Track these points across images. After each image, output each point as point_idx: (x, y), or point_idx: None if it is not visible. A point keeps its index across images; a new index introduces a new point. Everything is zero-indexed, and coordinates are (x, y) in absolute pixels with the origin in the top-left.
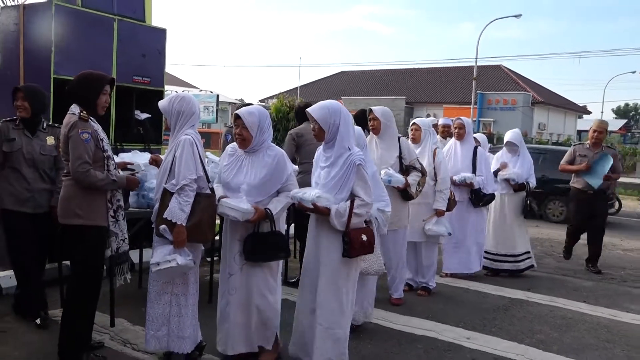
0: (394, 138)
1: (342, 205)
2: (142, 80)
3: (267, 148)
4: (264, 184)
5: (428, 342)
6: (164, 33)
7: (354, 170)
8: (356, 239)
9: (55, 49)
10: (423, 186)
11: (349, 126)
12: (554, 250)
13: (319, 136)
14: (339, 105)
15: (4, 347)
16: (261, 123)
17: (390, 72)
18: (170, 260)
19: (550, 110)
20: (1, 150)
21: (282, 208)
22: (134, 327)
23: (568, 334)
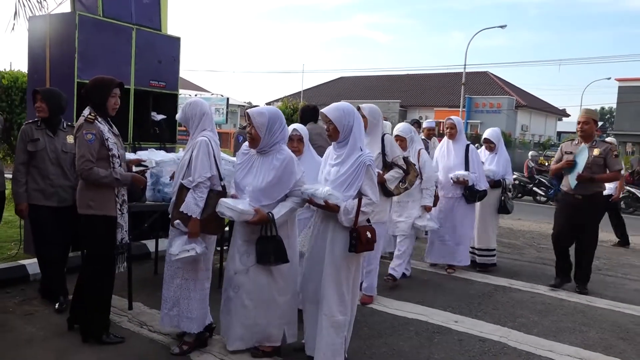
0: (378, 136)
1: (350, 203)
2: (158, 85)
3: (278, 151)
4: (270, 187)
5: (419, 325)
6: (178, 41)
7: (364, 170)
8: (363, 235)
9: (79, 55)
10: (411, 185)
11: (361, 128)
12: (534, 241)
13: (333, 136)
14: (352, 108)
15: (31, 327)
16: (270, 124)
17: (386, 77)
18: (189, 249)
19: (532, 113)
20: (26, 150)
21: (287, 213)
22: (150, 311)
23: (547, 318)
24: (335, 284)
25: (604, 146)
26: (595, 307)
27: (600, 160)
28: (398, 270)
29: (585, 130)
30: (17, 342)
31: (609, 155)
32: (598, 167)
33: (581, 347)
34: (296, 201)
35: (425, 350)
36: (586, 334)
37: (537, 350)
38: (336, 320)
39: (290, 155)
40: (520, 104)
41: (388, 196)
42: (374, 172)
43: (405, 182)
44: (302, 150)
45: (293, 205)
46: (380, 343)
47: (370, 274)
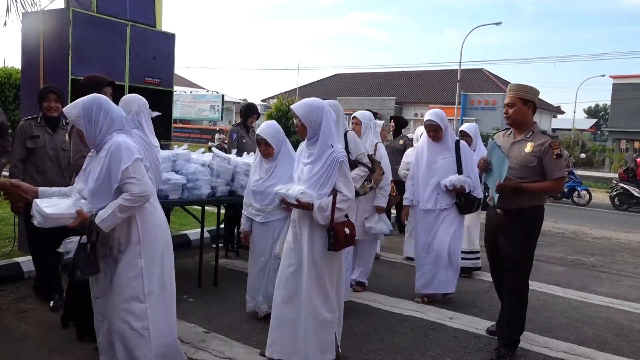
0: (340, 133)
1: (325, 201)
2: (153, 81)
3: (107, 142)
4: (100, 186)
5: (415, 321)
6: (173, 37)
7: (337, 167)
8: (341, 232)
9: (73, 52)
10: (377, 184)
11: (331, 124)
12: None
13: (301, 132)
14: (322, 104)
15: (25, 325)
16: (87, 115)
17: (381, 74)
18: None
19: None
20: (25, 146)
21: (113, 214)
22: None
23: (542, 314)
24: (319, 283)
25: (542, 140)
26: (589, 304)
27: (532, 161)
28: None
29: (511, 115)
30: (11, 340)
31: (547, 154)
32: (529, 170)
33: (576, 343)
34: (127, 198)
35: (421, 346)
36: (581, 330)
37: (531, 347)
38: (323, 319)
39: (119, 141)
40: None
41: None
42: (347, 167)
43: (371, 180)
44: (273, 153)
45: (123, 203)
46: (375, 339)
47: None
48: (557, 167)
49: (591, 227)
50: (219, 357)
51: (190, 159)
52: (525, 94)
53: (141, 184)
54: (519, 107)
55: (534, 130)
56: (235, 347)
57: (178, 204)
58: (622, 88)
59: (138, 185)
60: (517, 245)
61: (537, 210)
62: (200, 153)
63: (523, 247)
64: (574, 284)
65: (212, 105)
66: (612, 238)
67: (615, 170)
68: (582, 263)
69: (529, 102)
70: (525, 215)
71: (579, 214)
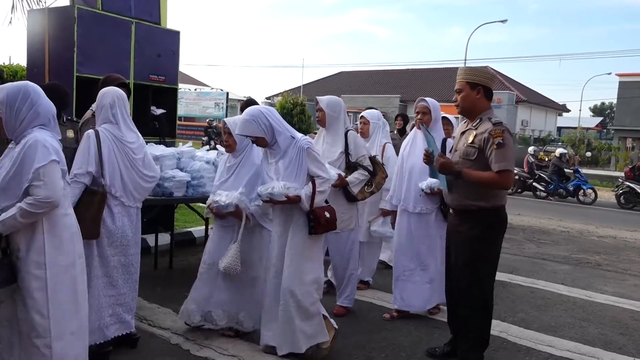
0: (340, 132)
1: (307, 188)
2: (157, 79)
3: (26, 137)
4: (8, 183)
5: (419, 319)
6: (178, 35)
7: (305, 154)
8: (321, 216)
9: (78, 49)
10: (379, 188)
11: (279, 121)
12: (534, 236)
13: (262, 144)
14: (257, 109)
15: None
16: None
17: (385, 72)
18: None
19: (532, 108)
20: None
21: (14, 218)
22: (150, 305)
23: (547, 313)
24: (301, 275)
25: (483, 129)
26: (595, 303)
27: (472, 153)
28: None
29: (459, 103)
30: None
31: (487, 144)
32: (471, 163)
33: (581, 342)
34: (30, 202)
35: (425, 345)
36: (586, 329)
37: (536, 346)
38: (307, 309)
39: (37, 138)
40: (520, 99)
41: (352, 201)
42: (315, 151)
43: (372, 184)
44: (235, 147)
45: (24, 207)
46: (379, 338)
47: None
48: (498, 158)
49: (596, 225)
50: (223, 354)
51: (195, 157)
52: (473, 76)
53: (48, 189)
54: (467, 92)
55: (482, 117)
56: (239, 344)
57: (182, 201)
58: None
59: (44, 190)
60: (462, 253)
61: (489, 213)
62: (204, 151)
63: (470, 256)
64: (579, 283)
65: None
66: (618, 237)
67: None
68: (588, 262)
69: (478, 86)
70: (475, 218)
71: (585, 213)
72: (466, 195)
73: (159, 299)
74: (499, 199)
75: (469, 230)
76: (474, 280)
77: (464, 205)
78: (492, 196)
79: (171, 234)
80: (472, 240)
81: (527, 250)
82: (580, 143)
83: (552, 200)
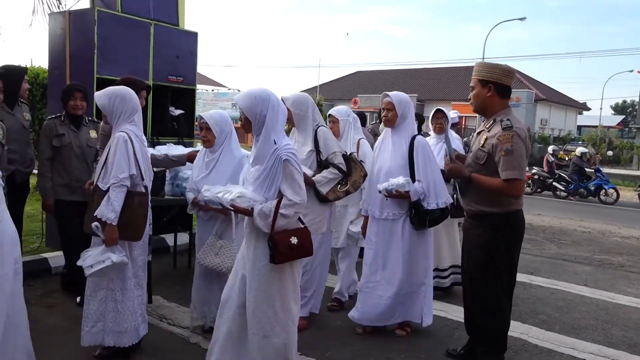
0: (309, 129)
1: (267, 205)
2: (176, 80)
3: None
4: None
5: (438, 320)
6: (195, 36)
7: (281, 166)
8: (283, 243)
9: (98, 51)
10: (356, 187)
11: (277, 117)
12: (555, 237)
13: (245, 127)
14: (269, 94)
15: (54, 319)
16: None
17: (402, 71)
18: (105, 260)
19: (552, 107)
20: (51, 145)
21: None
22: (169, 304)
23: (569, 315)
24: (264, 298)
25: (494, 133)
26: (618, 305)
27: (481, 157)
28: (344, 294)
29: (472, 101)
30: (40, 333)
31: (496, 150)
32: (480, 168)
33: (604, 345)
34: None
35: (444, 346)
36: (609, 331)
37: (558, 348)
38: (270, 342)
39: None
40: (539, 98)
41: (323, 202)
42: (295, 166)
43: (346, 183)
44: (213, 142)
45: None
46: (398, 338)
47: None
48: (506, 166)
49: (619, 226)
50: None
51: None
52: (484, 73)
53: None
54: (477, 90)
55: (495, 118)
56: None
57: None
58: None
59: None
60: (473, 258)
61: (501, 218)
62: None
63: (480, 261)
64: (602, 284)
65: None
66: None
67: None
68: (610, 263)
69: (489, 84)
70: (486, 223)
71: (607, 213)
72: (477, 200)
73: (178, 298)
74: (512, 203)
75: (480, 236)
76: (487, 285)
77: (475, 210)
78: (505, 201)
79: (190, 234)
80: (483, 246)
81: (547, 251)
82: (601, 142)
83: (573, 200)
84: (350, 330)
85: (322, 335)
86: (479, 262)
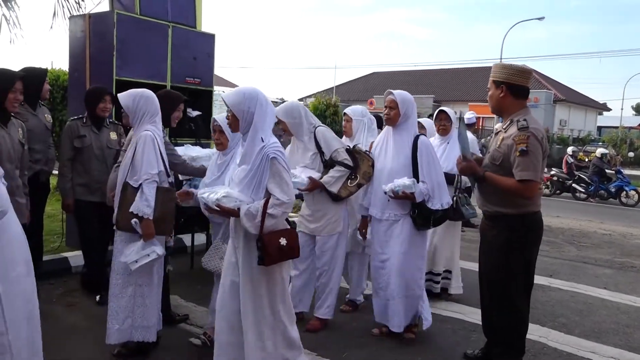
0: (308, 133)
1: (255, 205)
2: (193, 81)
3: None
4: None
5: (456, 322)
6: (213, 38)
7: (268, 165)
8: (271, 244)
9: (117, 53)
10: (367, 178)
11: (265, 116)
12: (574, 239)
13: (233, 126)
14: (257, 92)
15: (74, 317)
16: None
17: (419, 72)
18: (150, 253)
19: (571, 108)
20: (73, 146)
21: None
22: (187, 304)
23: (589, 318)
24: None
25: (509, 133)
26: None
27: (497, 157)
28: (358, 296)
29: (489, 101)
30: (61, 331)
31: (511, 151)
32: (496, 168)
33: (625, 349)
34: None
35: (462, 348)
36: (631, 335)
37: (578, 352)
38: (263, 346)
39: None
40: (558, 98)
41: (338, 201)
42: (283, 164)
43: (356, 177)
44: (227, 144)
45: None
46: (416, 340)
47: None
48: (521, 166)
49: None
50: None
51: None
52: (497, 74)
53: None
54: (492, 91)
55: (512, 119)
56: None
57: None
58: None
59: None
60: (489, 260)
61: (516, 219)
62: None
63: (496, 262)
64: (623, 288)
65: None
66: None
67: None
68: (632, 266)
69: (502, 84)
70: (501, 224)
71: (628, 215)
72: (492, 200)
73: (196, 298)
74: (529, 205)
75: (495, 237)
76: (503, 287)
77: (492, 211)
78: (521, 202)
79: (207, 234)
80: (499, 247)
81: (566, 253)
82: (622, 143)
83: (593, 202)
84: (366, 331)
85: (337, 336)
86: (495, 263)
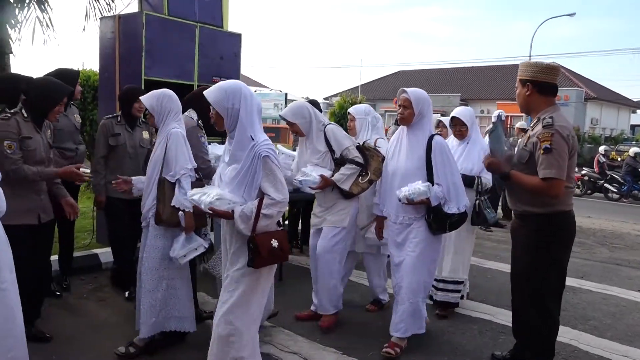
0: (318, 131)
1: (249, 206)
2: (220, 80)
3: None
4: None
5: (483, 323)
6: (239, 37)
7: (260, 164)
8: (264, 245)
9: (145, 53)
10: (378, 174)
11: (252, 111)
12: (606, 240)
13: (218, 123)
14: (240, 86)
15: (104, 312)
16: None
17: (445, 70)
18: (197, 247)
19: (603, 106)
20: (107, 144)
21: None
22: (213, 300)
23: (622, 321)
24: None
25: (535, 131)
26: None
27: (524, 157)
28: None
29: (517, 100)
30: (92, 326)
31: (536, 149)
32: (524, 168)
33: None
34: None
35: (489, 349)
36: None
37: (611, 355)
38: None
39: None
40: (589, 96)
41: (349, 198)
42: (275, 163)
43: (367, 173)
44: None
45: None
46: (442, 341)
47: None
48: (545, 164)
49: None
50: (283, 351)
51: None
52: (523, 72)
53: None
54: (519, 89)
55: (539, 117)
56: (299, 342)
57: None
58: None
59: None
60: (519, 260)
61: (546, 219)
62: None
63: (525, 262)
64: None
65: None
66: None
67: None
68: None
69: (527, 82)
70: (531, 224)
71: None
72: (523, 200)
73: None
74: (557, 204)
75: (525, 236)
76: (533, 288)
77: (521, 210)
78: (549, 201)
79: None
80: (528, 248)
81: (598, 255)
82: None
83: (626, 203)
84: None
85: (363, 335)
86: (524, 264)
